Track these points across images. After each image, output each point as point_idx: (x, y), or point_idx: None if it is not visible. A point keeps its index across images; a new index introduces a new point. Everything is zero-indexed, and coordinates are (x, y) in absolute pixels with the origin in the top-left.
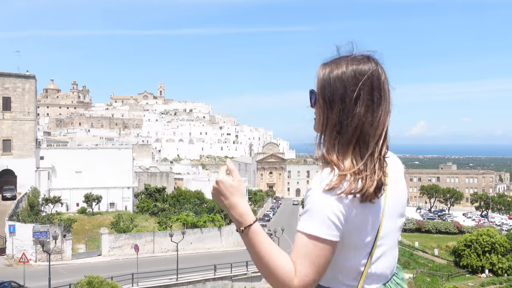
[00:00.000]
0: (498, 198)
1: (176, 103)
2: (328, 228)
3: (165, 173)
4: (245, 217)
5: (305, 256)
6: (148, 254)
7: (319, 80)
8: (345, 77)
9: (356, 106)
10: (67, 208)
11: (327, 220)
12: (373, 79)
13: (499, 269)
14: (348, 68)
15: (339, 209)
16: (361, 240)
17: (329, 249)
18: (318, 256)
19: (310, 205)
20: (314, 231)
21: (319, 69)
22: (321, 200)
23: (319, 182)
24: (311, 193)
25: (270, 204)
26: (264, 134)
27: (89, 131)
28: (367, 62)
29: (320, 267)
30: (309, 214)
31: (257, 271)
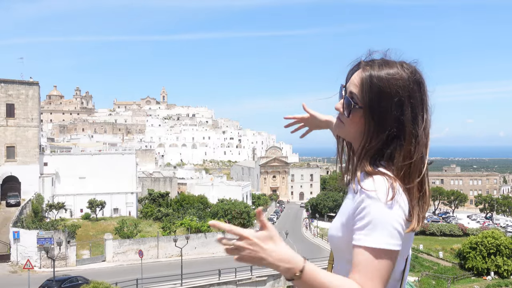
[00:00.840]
0: (503, 200)
1: (179, 108)
2: (394, 238)
3: (169, 178)
4: (293, 262)
5: (374, 274)
6: (152, 260)
7: (361, 80)
8: (395, 90)
9: (399, 111)
10: (71, 214)
11: (394, 231)
12: (423, 88)
13: (504, 271)
14: (398, 81)
15: (402, 218)
16: (406, 247)
17: (395, 259)
18: (387, 270)
19: (371, 216)
20: (383, 244)
21: (363, 76)
22: (386, 211)
23: (375, 192)
24: (371, 202)
25: (274, 208)
26: (267, 138)
27: (92, 137)
28: (414, 73)
29: (388, 279)
30: (373, 226)
31: (261, 276)
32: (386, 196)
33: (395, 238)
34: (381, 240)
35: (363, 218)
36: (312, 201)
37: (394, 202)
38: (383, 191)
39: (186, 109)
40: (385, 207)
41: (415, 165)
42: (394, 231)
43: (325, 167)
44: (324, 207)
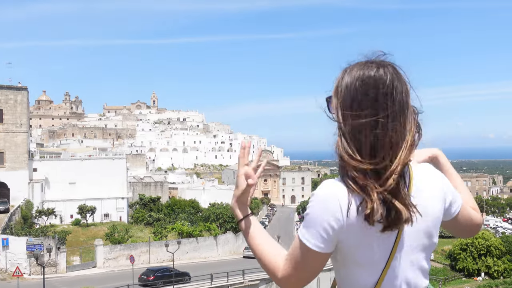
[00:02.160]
0: (492, 201)
1: (169, 112)
2: (315, 238)
3: (160, 182)
4: (235, 213)
5: (292, 258)
6: (143, 265)
7: (334, 86)
8: (351, 86)
9: (360, 116)
10: (61, 220)
11: (315, 232)
12: (378, 88)
13: (495, 272)
14: (356, 75)
15: (329, 223)
16: (368, 258)
17: (316, 259)
18: (302, 262)
19: (307, 211)
20: (303, 238)
21: (339, 74)
22: (316, 210)
23: (321, 189)
24: (312, 198)
25: (266, 212)
26: (258, 142)
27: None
28: (374, 69)
29: (303, 273)
30: (306, 221)
31: (253, 280)
32: (325, 199)
33: (315, 239)
34: (302, 234)
35: (306, 209)
36: (304, 204)
37: (329, 205)
38: (325, 192)
39: (177, 113)
40: (318, 207)
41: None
42: (316, 232)
43: (316, 170)
44: None
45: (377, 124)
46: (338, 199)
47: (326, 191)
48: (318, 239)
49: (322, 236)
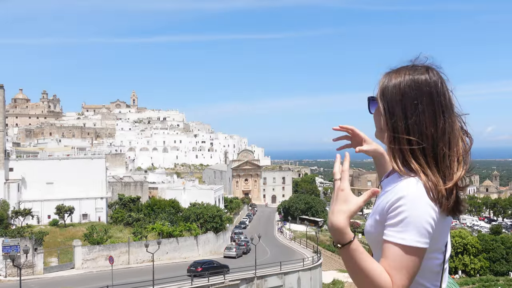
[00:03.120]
0: (469, 200)
1: (149, 112)
2: (423, 237)
3: (139, 182)
4: (342, 236)
5: (402, 268)
6: (123, 266)
7: (379, 87)
8: (402, 86)
9: (416, 113)
10: (38, 221)
11: (423, 229)
12: (430, 90)
13: (471, 269)
14: (406, 78)
15: (432, 217)
16: (441, 243)
17: (422, 256)
18: (413, 266)
19: (404, 215)
20: (412, 242)
21: (381, 77)
22: (416, 209)
23: (408, 190)
24: (404, 201)
25: (246, 211)
26: (239, 141)
27: (60, 141)
28: (425, 73)
29: (414, 276)
30: (405, 225)
31: (234, 280)
32: (418, 197)
33: (424, 237)
34: (410, 238)
35: (395, 216)
36: (285, 204)
37: (425, 202)
38: (414, 191)
39: (157, 113)
40: (417, 207)
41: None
42: (424, 230)
43: (297, 170)
44: (296, 210)
45: (435, 120)
46: (427, 192)
47: (412, 188)
48: (426, 235)
49: (428, 231)
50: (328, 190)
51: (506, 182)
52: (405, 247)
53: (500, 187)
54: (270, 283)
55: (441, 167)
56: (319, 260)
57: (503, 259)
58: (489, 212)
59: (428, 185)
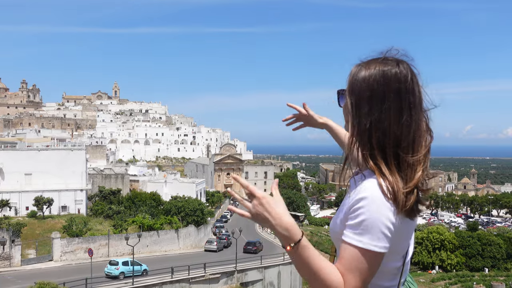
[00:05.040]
0: (447, 197)
1: (131, 104)
2: (382, 241)
3: (120, 175)
4: (292, 232)
5: (356, 269)
6: (102, 258)
7: (348, 81)
8: (371, 82)
9: (382, 110)
10: (16, 212)
11: (381, 234)
12: (400, 86)
13: (448, 265)
14: (375, 72)
15: (391, 221)
16: (402, 246)
17: (380, 261)
18: (369, 269)
19: (363, 217)
20: (369, 246)
21: (352, 69)
22: (375, 212)
23: (369, 192)
24: (365, 203)
25: (228, 206)
26: (221, 135)
27: (40, 132)
28: (395, 66)
29: (369, 278)
30: (364, 227)
31: (214, 273)
32: (378, 199)
33: (382, 241)
34: (368, 242)
35: (355, 218)
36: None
37: (385, 205)
38: (375, 194)
39: (139, 105)
40: (376, 210)
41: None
42: (382, 234)
43: (279, 165)
44: None
45: (401, 117)
46: (388, 195)
47: (374, 190)
48: (384, 240)
49: (387, 235)
50: (309, 185)
51: (483, 180)
52: (362, 250)
53: (477, 184)
54: (250, 277)
55: (402, 167)
56: None
57: (479, 255)
58: (466, 209)
59: (387, 187)
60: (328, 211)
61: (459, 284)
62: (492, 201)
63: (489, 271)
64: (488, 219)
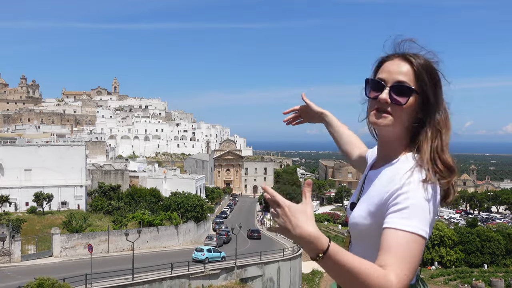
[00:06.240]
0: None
1: (131, 99)
2: (427, 225)
3: (120, 170)
4: (315, 243)
5: (407, 255)
6: (102, 254)
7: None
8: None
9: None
10: (15, 208)
11: (426, 219)
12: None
13: (447, 261)
14: (429, 62)
15: (434, 207)
16: (430, 234)
17: (424, 247)
18: (417, 255)
19: (410, 202)
20: (418, 230)
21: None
22: (423, 199)
23: (417, 179)
24: (409, 189)
25: (227, 201)
26: (221, 131)
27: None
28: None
29: (417, 265)
30: (411, 212)
31: (214, 269)
32: (423, 185)
33: (427, 226)
34: (417, 226)
35: (400, 203)
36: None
37: (430, 192)
38: (418, 179)
39: (139, 101)
40: (423, 195)
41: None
42: (428, 219)
43: (278, 161)
44: None
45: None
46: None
47: (419, 176)
48: (428, 225)
49: (429, 221)
50: None
51: (483, 176)
52: (410, 234)
53: (477, 181)
54: (250, 272)
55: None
56: (299, 250)
57: (478, 251)
58: (466, 206)
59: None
60: (327, 207)
61: (458, 280)
62: (492, 197)
63: (488, 267)
64: (487, 216)
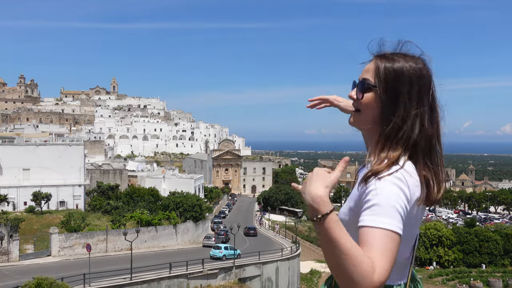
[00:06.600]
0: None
1: (130, 99)
2: (400, 222)
3: (119, 170)
4: (321, 204)
5: (385, 251)
6: (100, 254)
7: (381, 72)
8: (410, 76)
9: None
10: (14, 207)
11: (398, 215)
12: (431, 81)
13: (445, 261)
14: (411, 67)
15: (405, 204)
16: (411, 234)
17: (398, 243)
18: (392, 251)
19: (378, 199)
20: (388, 225)
21: (376, 61)
22: (391, 195)
23: (387, 176)
24: (377, 186)
25: (226, 201)
26: (220, 131)
27: (38, 127)
28: (424, 65)
29: (394, 262)
30: (378, 208)
31: (213, 269)
32: (390, 182)
33: (399, 222)
34: (390, 222)
35: (370, 200)
36: (264, 194)
37: (400, 188)
38: (388, 178)
39: (137, 100)
40: (391, 191)
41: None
42: (398, 215)
43: (277, 161)
44: (276, 200)
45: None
46: (405, 178)
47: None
48: (400, 222)
49: (401, 218)
50: None
51: (481, 176)
52: (382, 230)
53: (475, 181)
54: (249, 272)
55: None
56: (297, 250)
57: (476, 251)
58: (464, 206)
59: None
60: None
61: (456, 280)
62: (490, 197)
63: (486, 267)
64: (485, 216)
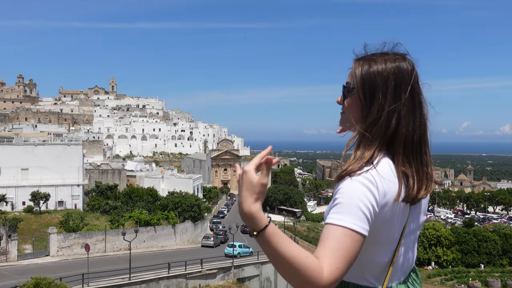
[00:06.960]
0: (444, 193)
1: (128, 99)
2: (361, 221)
3: (117, 170)
4: (254, 221)
5: (336, 249)
6: (99, 254)
7: (357, 75)
8: (385, 74)
9: (395, 104)
10: (12, 207)
11: (361, 214)
12: (411, 79)
13: (444, 261)
14: (387, 65)
15: (372, 203)
16: (389, 237)
17: (360, 242)
18: (350, 250)
19: (342, 198)
20: (348, 224)
21: (355, 64)
22: (355, 193)
23: (350, 176)
24: (344, 184)
25: (225, 201)
26: (218, 131)
27: (36, 127)
28: (404, 61)
29: (350, 262)
30: (341, 206)
31: (211, 269)
32: (358, 181)
33: (362, 222)
34: (349, 220)
35: (336, 199)
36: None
37: (366, 187)
38: (356, 177)
39: (136, 100)
40: (357, 190)
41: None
42: (362, 215)
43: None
44: (275, 200)
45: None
46: (374, 177)
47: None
48: (365, 221)
49: (365, 217)
50: (306, 181)
51: (479, 177)
52: (341, 228)
53: (474, 181)
54: (247, 272)
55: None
56: None
57: (475, 251)
58: (463, 206)
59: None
60: (325, 207)
61: (455, 280)
62: (488, 197)
63: (485, 267)
64: (484, 216)
